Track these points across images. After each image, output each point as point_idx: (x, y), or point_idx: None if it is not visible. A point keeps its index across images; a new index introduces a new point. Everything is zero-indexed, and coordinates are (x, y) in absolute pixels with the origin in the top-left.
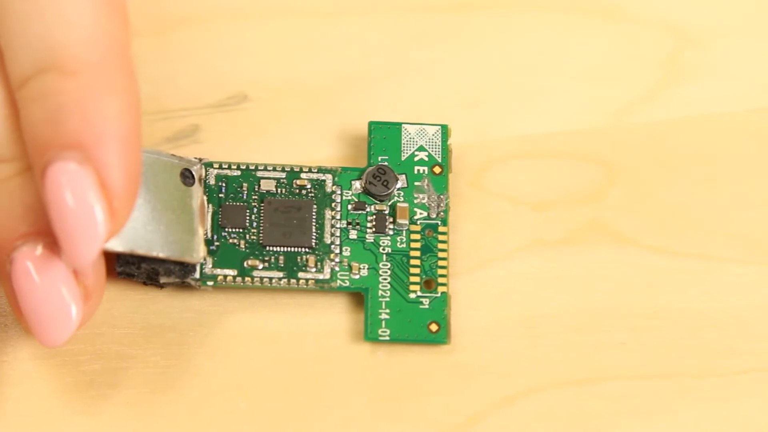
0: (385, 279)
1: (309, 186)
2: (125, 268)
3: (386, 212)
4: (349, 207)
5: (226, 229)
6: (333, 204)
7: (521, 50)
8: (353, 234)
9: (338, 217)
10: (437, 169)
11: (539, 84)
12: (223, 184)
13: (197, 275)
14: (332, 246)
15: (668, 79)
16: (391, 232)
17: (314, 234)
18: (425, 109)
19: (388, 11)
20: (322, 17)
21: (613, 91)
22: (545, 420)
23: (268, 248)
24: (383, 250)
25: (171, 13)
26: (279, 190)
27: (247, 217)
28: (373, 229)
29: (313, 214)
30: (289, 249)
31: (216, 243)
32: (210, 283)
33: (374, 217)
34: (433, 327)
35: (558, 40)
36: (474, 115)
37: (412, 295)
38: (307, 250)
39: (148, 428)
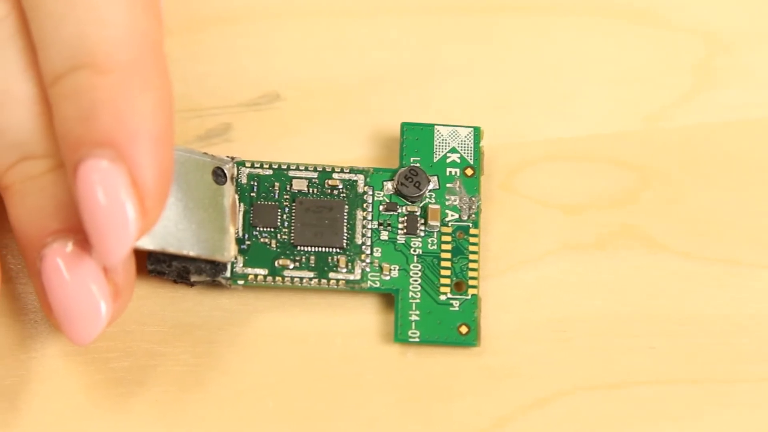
0: (416, 280)
1: (341, 186)
2: (156, 266)
3: (418, 214)
4: (381, 208)
5: (258, 229)
6: (364, 204)
7: (553, 53)
8: (384, 235)
9: (369, 217)
10: (469, 171)
11: (571, 87)
12: (255, 183)
13: (228, 274)
14: (363, 247)
15: (700, 84)
16: (422, 234)
17: (345, 234)
18: (456, 110)
19: (420, 12)
20: (354, 17)
21: (645, 95)
22: (573, 424)
23: (299, 248)
24: (414, 251)
25: (204, 11)
26: (311, 189)
27: (279, 217)
28: (405, 231)
29: (345, 214)
30: (320, 249)
31: (247, 242)
32: (240, 282)
33: (405, 218)
34: (463, 329)
35: (590, 44)
36: (505, 118)
37: (443, 297)
38: (338, 250)
39: (177, 426)
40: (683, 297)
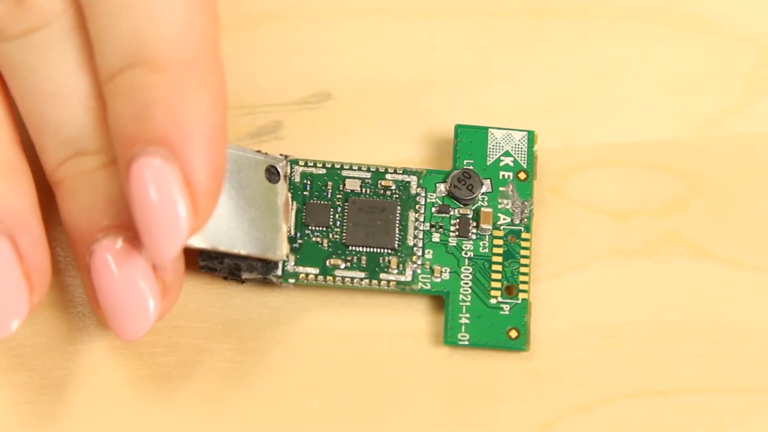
0: (467, 283)
1: (394, 187)
2: (208, 262)
3: (470, 216)
4: (433, 210)
5: (310, 228)
6: (417, 206)
7: (605, 58)
8: (436, 237)
9: (422, 219)
10: (522, 175)
11: (622, 93)
12: (308, 182)
13: (279, 272)
14: (415, 248)
15: (752, 92)
16: (474, 237)
17: (397, 235)
18: (507, 113)
19: (474, 15)
20: (407, 18)
21: (696, 102)
22: (618, 430)
23: (350, 248)
24: (465, 254)
25: (257, 8)
26: (364, 190)
27: (331, 216)
28: (456, 233)
29: (397, 215)
30: (371, 249)
31: (299, 241)
32: (291, 280)
33: (458, 220)
34: (513, 333)
35: (643, 50)
36: (555, 122)
37: (493, 301)
38: (389, 251)
39: (221, 422)
40: (731, 305)
